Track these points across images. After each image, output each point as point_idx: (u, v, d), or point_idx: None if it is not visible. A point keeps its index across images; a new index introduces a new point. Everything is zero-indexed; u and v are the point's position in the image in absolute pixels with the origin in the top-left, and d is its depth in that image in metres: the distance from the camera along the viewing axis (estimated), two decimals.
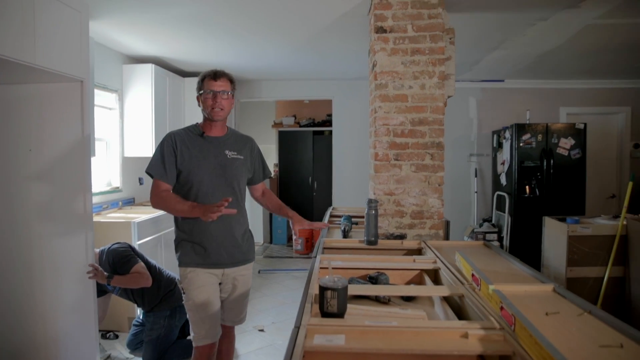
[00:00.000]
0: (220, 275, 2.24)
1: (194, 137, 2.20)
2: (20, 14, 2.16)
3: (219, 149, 2.21)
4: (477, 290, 1.70)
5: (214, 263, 2.20)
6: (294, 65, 5.19)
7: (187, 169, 2.14)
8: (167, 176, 2.14)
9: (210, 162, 2.17)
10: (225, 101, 2.16)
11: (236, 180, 2.24)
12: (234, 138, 2.31)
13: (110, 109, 4.39)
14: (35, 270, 2.71)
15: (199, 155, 2.16)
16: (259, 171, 2.42)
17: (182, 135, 2.20)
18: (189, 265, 2.18)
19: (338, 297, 1.48)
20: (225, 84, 2.17)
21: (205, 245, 2.17)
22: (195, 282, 2.17)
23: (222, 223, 2.14)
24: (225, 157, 2.21)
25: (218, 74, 2.16)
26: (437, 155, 2.80)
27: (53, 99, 2.66)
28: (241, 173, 2.27)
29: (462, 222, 5.98)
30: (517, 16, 3.32)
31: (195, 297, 2.17)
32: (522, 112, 5.73)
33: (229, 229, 2.21)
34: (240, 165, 2.26)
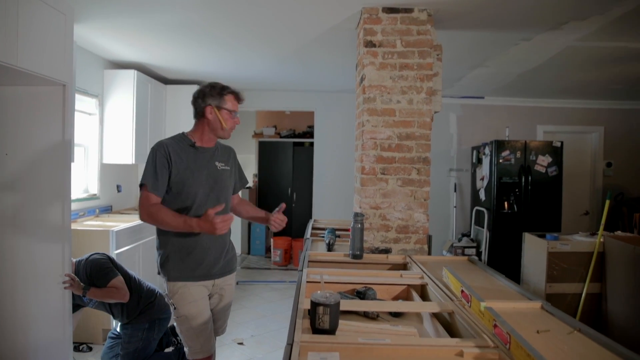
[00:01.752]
0: (211, 286, 2.22)
1: (185, 147, 2.14)
2: (3, 14, 2.09)
3: (210, 160, 2.19)
4: (467, 307, 1.70)
5: (206, 275, 2.17)
6: (278, 75, 5.18)
7: (182, 181, 2.08)
8: (158, 189, 2.05)
9: (203, 173, 2.13)
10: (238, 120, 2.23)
11: (226, 190, 2.24)
12: (221, 149, 2.30)
13: (90, 115, 4.28)
14: (7, 278, 2.59)
15: (192, 166, 2.11)
16: (237, 182, 2.41)
17: (175, 145, 2.13)
18: (179, 279, 2.12)
19: (330, 313, 1.46)
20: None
21: (198, 257, 2.13)
22: (187, 297, 2.12)
23: (214, 236, 2.10)
24: (215, 169, 2.19)
25: (241, 96, 2.20)
26: (424, 170, 2.82)
27: (33, 102, 2.57)
28: (229, 184, 2.28)
29: (441, 236, 6.03)
30: (502, 36, 3.40)
31: (188, 311, 2.12)
32: (501, 128, 5.85)
33: (219, 242, 2.20)
34: (228, 177, 2.26)
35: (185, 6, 2.96)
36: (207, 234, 2.07)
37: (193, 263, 2.13)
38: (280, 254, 6.71)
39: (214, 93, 2.13)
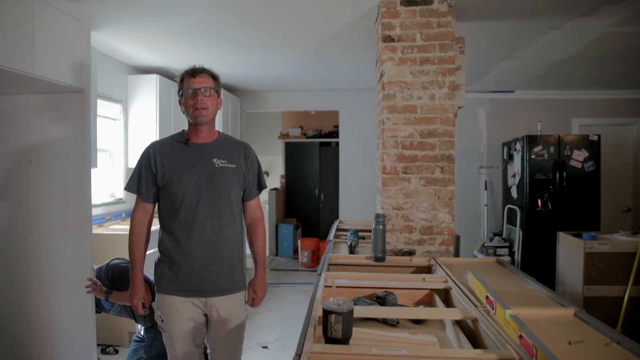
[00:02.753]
0: (203, 305, 1.93)
1: (177, 145, 1.96)
2: (19, 23, 2.11)
3: (206, 157, 1.93)
4: (492, 314, 1.59)
5: (195, 290, 1.90)
6: (300, 75, 5.13)
7: (169, 182, 1.90)
8: (145, 194, 1.93)
9: (194, 172, 1.90)
10: (208, 99, 1.90)
11: (226, 192, 1.93)
12: (226, 144, 2.01)
13: (115, 120, 4.34)
14: (33, 282, 2.64)
15: (181, 165, 1.90)
16: (250, 184, 2.04)
17: (164, 144, 1.97)
18: (166, 291, 1.92)
19: (343, 322, 1.38)
20: (206, 79, 1.92)
21: (182, 267, 1.89)
22: (172, 312, 1.91)
23: (204, 243, 1.89)
24: (212, 166, 1.92)
25: (197, 69, 1.92)
26: (448, 168, 2.70)
27: (53, 109, 2.60)
28: (232, 184, 1.95)
29: (472, 236, 5.84)
30: (528, 25, 3.23)
31: (172, 330, 1.92)
32: (532, 123, 5.62)
33: (214, 250, 1.91)
34: (231, 175, 1.95)
35: (202, 8, 2.94)
36: (198, 242, 1.89)
37: (179, 274, 1.90)
38: (307, 255, 6.66)
39: (177, 87, 1.97)
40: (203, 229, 1.90)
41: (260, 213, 2.12)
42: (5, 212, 2.66)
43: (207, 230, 1.90)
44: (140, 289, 1.95)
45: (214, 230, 1.91)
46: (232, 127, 5.71)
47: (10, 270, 2.65)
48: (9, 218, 2.65)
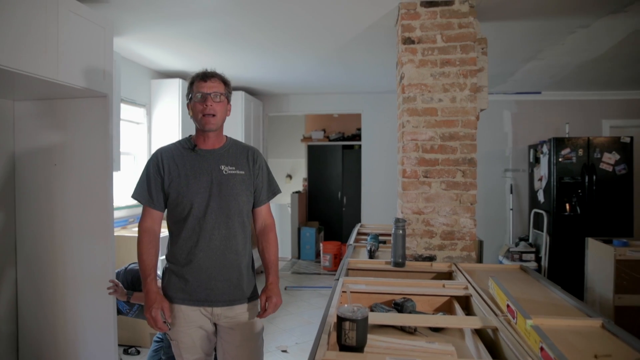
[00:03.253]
0: (210, 315, 1.86)
1: (184, 151, 1.88)
2: (44, 30, 2.15)
3: (214, 164, 1.86)
4: (513, 324, 1.53)
5: (203, 300, 1.83)
6: (322, 78, 5.12)
7: (176, 190, 1.83)
8: (153, 202, 1.85)
9: (202, 180, 1.83)
10: (217, 105, 1.83)
11: (235, 200, 1.86)
12: (234, 150, 1.94)
13: (138, 124, 4.42)
14: (58, 283, 2.70)
15: (189, 173, 1.83)
16: (260, 190, 1.96)
17: (172, 151, 1.89)
18: (173, 300, 1.85)
19: (357, 329, 1.35)
20: (217, 84, 1.85)
21: (189, 277, 1.83)
22: (180, 321, 1.84)
23: (212, 252, 1.83)
24: (220, 174, 1.85)
25: (208, 73, 1.85)
26: (469, 172, 2.64)
27: (77, 114, 2.65)
28: (241, 191, 1.88)
29: (497, 240, 5.72)
30: (555, 24, 3.13)
31: (180, 339, 1.86)
32: (560, 125, 5.47)
33: (222, 260, 1.85)
34: (239, 182, 1.88)
35: (223, 12, 2.96)
36: (205, 251, 1.83)
37: (185, 283, 1.84)
38: (329, 258, 6.64)
39: (187, 90, 1.90)
40: (211, 238, 1.83)
41: (271, 219, 2.04)
42: (32, 213, 2.73)
43: (215, 240, 1.84)
44: (156, 298, 1.81)
45: (223, 240, 1.84)
46: (255, 130, 5.75)
47: (37, 271, 2.72)
48: (36, 219, 2.72)
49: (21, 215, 2.75)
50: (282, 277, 6.08)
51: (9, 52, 1.98)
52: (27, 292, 2.75)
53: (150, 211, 1.88)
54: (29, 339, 2.76)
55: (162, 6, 2.84)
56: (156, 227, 1.90)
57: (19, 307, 2.77)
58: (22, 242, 2.75)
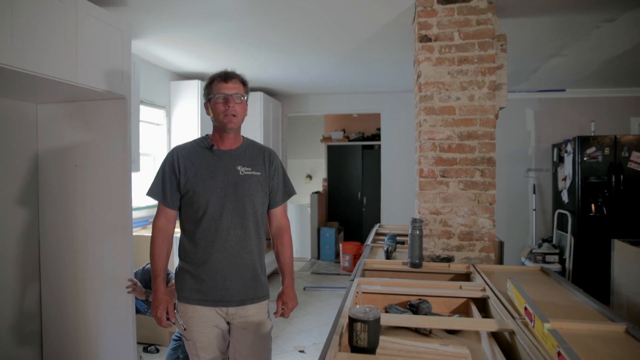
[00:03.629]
0: (225, 314, 1.88)
1: (201, 151, 1.89)
2: (63, 34, 2.20)
3: (230, 164, 1.87)
4: (531, 327, 1.49)
5: (218, 300, 1.85)
6: (340, 78, 5.10)
7: (192, 190, 1.83)
8: (168, 200, 1.86)
9: (219, 180, 1.84)
10: (238, 106, 1.84)
11: (250, 201, 1.87)
12: (250, 151, 1.95)
13: (158, 125, 4.48)
14: (79, 281, 2.75)
15: (205, 173, 1.84)
16: (275, 191, 1.97)
17: (188, 150, 1.90)
18: (189, 301, 1.86)
19: (369, 330, 1.33)
20: (238, 86, 1.85)
21: (205, 277, 1.84)
22: (195, 321, 1.86)
23: (228, 253, 1.84)
24: (236, 174, 1.86)
25: (230, 74, 1.85)
26: (488, 171, 2.58)
27: (97, 116, 2.70)
28: (256, 192, 1.89)
29: (519, 242, 5.60)
30: (578, 18, 3.05)
31: (196, 339, 1.87)
32: (585, 123, 5.32)
33: (237, 260, 1.86)
34: (255, 184, 1.89)
35: (241, 13, 2.98)
36: (220, 252, 1.83)
37: (200, 284, 1.85)
38: (349, 259, 6.61)
39: (205, 87, 1.90)
40: (227, 239, 1.84)
41: (286, 221, 2.05)
42: (54, 213, 2.79)
43: (231, 240, 1.84)
44: (163, 298, 1.86)
45: (238, 240, 1.85)
46: (274, 131, 5.76)
47: (60, 269, 2.78)
48: (58, 219, 2.78)
49: (44, 214, 2.82)
50: (302, 277, 6.08)
51: (32, 57, 2.03)
52: (50, 289, 2.82)
53: (165, 210, 1.89)
54: (52, 336, 2.82)
55: (179, 8, 2.87)
56: (170, 227, 1.91)
57: (42, 304, 2.83)
58: (45, 241, 2.82)
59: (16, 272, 2.71)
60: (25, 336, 2.77)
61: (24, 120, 2.74)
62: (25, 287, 2.77)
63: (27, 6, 2.01)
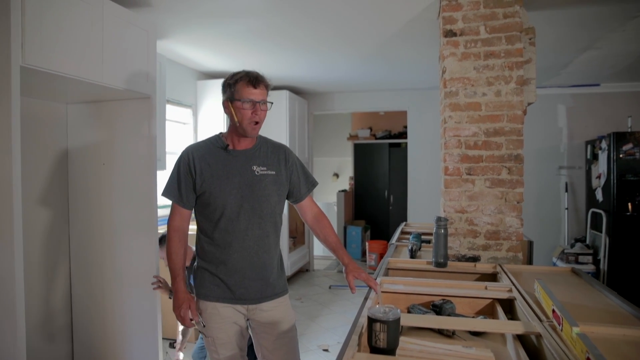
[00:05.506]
0: (245, 311, 1.88)
1: (216, 151, 1.86)
2: (90, 35, 2.24)
3: (246, 164, 1.85)
4: (559, 330, 1.43)
5: (236, 298, 1.85)
6: (365, 75, 5.06)
7: (208, 191, 1.81)
8: (184, 200, 1.85)
9: (235, 181, 1.82)
10: (263, 113, 1.81)
11: (267, 200, 1.86)
12: (265, 149, 1.92)
13: (185, 124, 4.54)
14: (107, 277, 2.81)
15: (221, 173, 1.82)
16: (298, 185, 1.96)
17: (202, 150, 1.87)
18: (207, 298, 1.86)
19: (388, 331, 1.31)
20: (264, 91, 1.82)
21: (224, 277, 1.84)
22: (215, 318, 1.86)
23: (246, 253, 1.83)
24: (252, 174, 1.84)
25: (258, 79, 1.80)
26: (516, 169, 2.51)
27: (123, 115, 2.75)
28: (272, 192, 1.87)
29: (550, 241, 5.43)
30: (612, 9, 2.92)
31: (215, 335, 1.87)
32: (621, 119, 5.10)
33: (256, 259, 1.85)
34: (271, 183, 1.87)
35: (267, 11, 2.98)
36: (238, 252, 1.83)
37: (220, 283, 1.85)
38: (375, 258, 6.56)
39: (226, 84, 1.83)
40: (244, 239, 1.83)
41: (318, 208, 2.03)
42: (83, 210, 2.86)
43: (249, 240, 1.83)
44: (184, 297, 1.84)
45: (255, 240, 1.85)
46: (300, 129, 5.76)
47: (88, 265, 2.85)
48: (87, 216, 2.85)
49: (74, 211, 2.89)
50: (327, 276, 6.07)
51: (60, 58, 2.07)
52: (79, 285, 2.90)
53: (180, 210, 1.88)
54: (82, 329, 2.90)
55: (204, 7, 2.90)
56: (185, 226, 1.92)
57: (72, 299, 2.91)
58: (75, 237, 2.89)
59: (47, 268, 2.78)
60: (56, 330, 2.85)
61: (54, 120, 2.81)
62: (56, 282, 2.85)
63: (56, 9, 2.05)
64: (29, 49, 1.93)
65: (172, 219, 1.90)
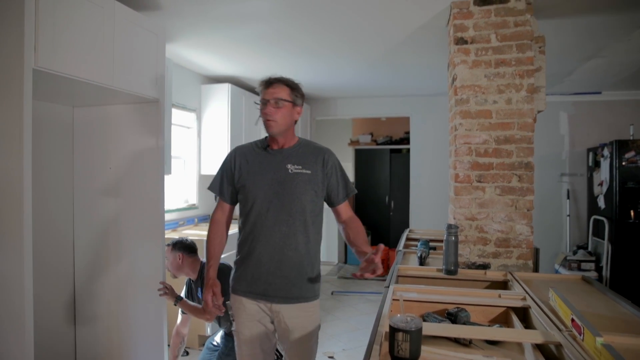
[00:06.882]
0: (269, 310, 1.93)
1: (257, 150, 2.00)
2: (101, 38, 2.23)
3: (281, 162, 1.93)
4: (580, 340, 1.42)
5: (261, 294, 1.91)
6: (370, 81, 5.07)
7: (243, 185, 1.95)
8: (225, 194, 2.02)
9: (267, 177, 1.91)
10: (278, 110, 1.88)
11: (298, 198, 1.90)
12: (303, 150, 1.99)
13: (189, 128, 4.52)
14: (112, 282, 2.79)
15: (256, 170, 1.94)
16: (336, 189, 2.00)
17: (245, 149, 2.04)
18: (236, 291, 1.97)
19: (411, 340, 1.30)
20: (279, 90, 1.89)
21: (250, 270, 1.93)
22: (241, 313, 1.95)
23: (272, 248, 1.89)
24: (285, 172, 1.91)
25: (271, 80, 1.91)
26: (526, 176, 2.51)
27: (130, 119, 2.74)
28: (305, 191, 1.91)
29: (552, 248, 5.44)
30: (620, 18, 2.94)
31: (240, 331, 1.96)
32: (623, 127, 5.13)
33: (281, 256, 1.90)
34: (305, 182, 1.91)
35: (275, 16, 2.98)
36: (266, 247, 1.90)
37: (248, 276, 1.94)
38: None
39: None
40: (271, 235, 1.89)
41: (352, 212, 2.09)
42: (89, 215, 2.84)
43: (275, 236, 1.89)
44: (211, 283, 1.95)
45: (282, 237, 1.89)
46: (302, 134, 5.77)
47: (93, 271, 2.83)
48: (92, 221, 2.83)
49: (79, 216, 2.87)
50: (329, 282, 6.05)
51: (70, 60, 2.07)
52: (83, 291, 2.87)
53: (221, 203, 2.06)
54: (85, 336, 2.87)
55: (213, 12, 2.89)
56: (225, 219, 2.07)
57: (76, 304, 2.88)
58: (80, 243, 2.87)
59: (50, 273, 2.75)
60: (59, 336, 2.81)
61: (60, 123, 2.80)
62: (60, 287, 2.82)
63: (68, 11, 2.05)
64: (42, 51, 1.92)
65: (215, 212, 2.08)
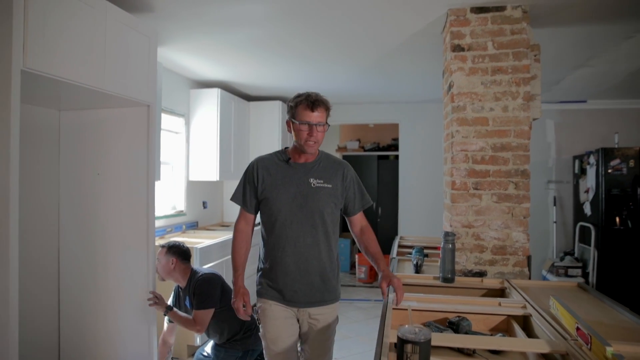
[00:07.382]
0: (296, 311, 2.04)
1: (279, 163, 2.06)
2: (92, 40, 2.16)
3: (304, 176, 2.01)
4: (586, 349, 1.41)
5: (287, 300, 2.02)
6: (361, 88, 5.06)
7: (267, 197, 2.01)
8: (247, 205, 2.08)
9: (291, 190, 1.99)
10: (320, 134, 1.97)
11: (319, 212, 2.00)
12: (324, 164, 2.08)
13: (177, 133, 4.45)
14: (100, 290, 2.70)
15: (279, 183, 2.00)
16: (352, 201, 2.12)
17: (267, 161, 2.08)
18: (263, 296, 2.06)
19: (420, 352, 1.27)
20: (322, 114, 1.96)
21: (276, 279, 2.02)
22: (268, 314, 2.05)
23: (297, 258, 1.99)
24: (308, 186, 2.00)
25: (316, 103, 1.93)
26: (522, 184, 2.52)
27: (120, 124, 2.66)
28: (326, 204, 2.01)
29: (539, 254, 5.49)
30: (611, 29, 2.98)
31: (268, 331, 2.05)
32: (608, 135, 5.22)
33: (306, 265, 2.00)
34: (327, 196, 2.01)
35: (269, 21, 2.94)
36: (291, 258, 1.99)
37: (275, 285, 2.03)
38: (365, 270, 6.51)
39: (290, 105, 2.01)
40: (296, 245, 1.98)
41: (366, 222, 2.21)
42: (75, 221, 2.75)
43: (300, 247, 1.98)
44: (239, 291, 2.05)
45: (307, 247, 1.99)
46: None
47: (80, 280, 2.73)
48: (79, 228, 2.74)
49: (65, 223, 2.77)
50: None
51: (63, 63, 1.99)
52: (69, 301, 2.77)
53: (244, 214, 2.12)
54: (71, 349, 2.76)
55: (207, 15, 2.84)
56: (248, 228, 2.14)
57: (60, 316, 2.78)
58: (65, 250, 2.77)
59: (34, 282, 2.65)
60: (43, 349, 2.70)
61: (46, 127, 2.70)
62: (44, 298, 2.71)
63: (58, 11, 1.97)
64: (31, 52, 1.85)
65: (238, 221, 2.14)
